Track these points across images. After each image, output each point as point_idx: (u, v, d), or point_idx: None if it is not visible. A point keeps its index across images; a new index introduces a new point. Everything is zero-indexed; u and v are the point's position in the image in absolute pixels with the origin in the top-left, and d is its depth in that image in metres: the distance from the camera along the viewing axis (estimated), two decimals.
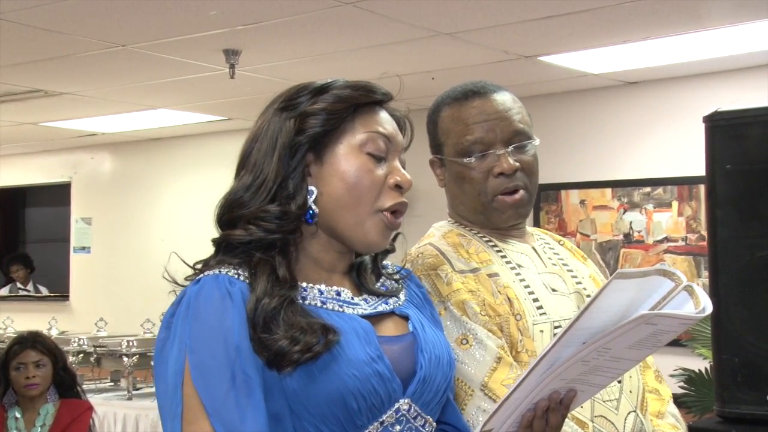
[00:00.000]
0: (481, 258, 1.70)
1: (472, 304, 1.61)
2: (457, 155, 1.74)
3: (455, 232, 1.76)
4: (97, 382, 5.50)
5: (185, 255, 1.38)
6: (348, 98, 1.37)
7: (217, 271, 1.30)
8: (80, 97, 5.84)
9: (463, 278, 1.65)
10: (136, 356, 5.09)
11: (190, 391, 1.22)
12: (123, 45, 4.59)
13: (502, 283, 1.66)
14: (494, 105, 1.74)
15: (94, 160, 8.15)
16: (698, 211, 5.32)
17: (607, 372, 1.31)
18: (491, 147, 1.72)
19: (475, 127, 1.72)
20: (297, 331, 1.24)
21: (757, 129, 2.19)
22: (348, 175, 1.34)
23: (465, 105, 1.75)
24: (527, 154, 1.75)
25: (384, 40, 4.49)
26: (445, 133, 1.77)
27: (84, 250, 8.18)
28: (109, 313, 6.20)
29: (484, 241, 1.75)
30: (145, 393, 5.18)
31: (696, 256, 5.31)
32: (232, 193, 1.37)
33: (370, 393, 1.25)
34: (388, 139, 1.38)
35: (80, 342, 5.37)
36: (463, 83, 1.81)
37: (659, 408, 1.77)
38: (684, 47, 4.70)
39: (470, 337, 1.58)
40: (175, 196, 7.65)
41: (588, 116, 5.80)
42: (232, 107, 6.25)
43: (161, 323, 1.30)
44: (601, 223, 5.70)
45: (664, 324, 1.20)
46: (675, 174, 5.41)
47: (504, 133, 1.72)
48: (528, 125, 1.76)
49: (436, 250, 1.70)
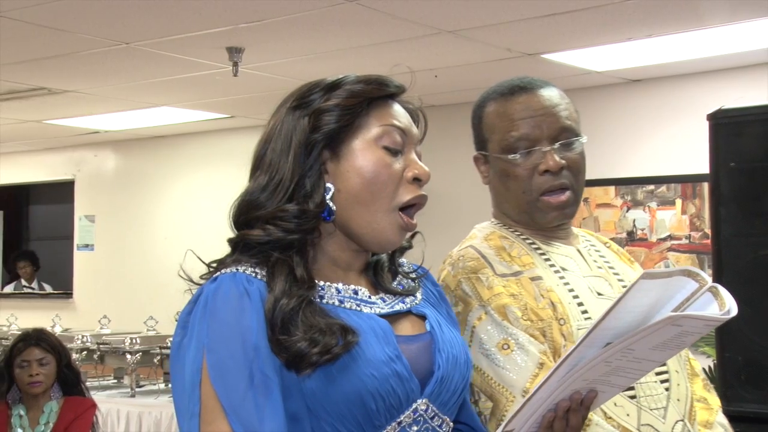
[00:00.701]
0: (524, 261, 1.67)
1: (513, 309, 1.58)
2: (501, 152, 1.70)
3: (498, 234, 1.73)
4: (100, 380, 5.51)
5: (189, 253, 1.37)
6: (361, 93, 1.35)
7: (235, 270, 1.28)
8: (84, 94, 5.84)
9: (505, 282, 1.61)
10: (140, 354, 5.09)
11: (208, 391, 1.21)
12: (126, 43, 4.59)
13: (545, 287, 1.63)
14: (540, 101, 1.69)
15: (98, 157, 8.15)
16: (702, 209, 5.32)
17: (629, 373, 1.30)
18: (537, 144, 1.68)
19: (520, 123, 1.68)
20: (316, 332, 1.23)
21: (761, 126, 2.18)
22: (365, 170, 1.33)
23: (511, 100, 1.71)
24: (574, 151, 1.71)
25: (387, 37, 4.49)
26: (489, 128, 1.73)
27: (87, 247, 8.19)
28: (113, 311, 6.19)
29: (527, 244, 1.71)
30: (148, 390, 5.18)
31: (699, 254, 5.31)
32: (248, 194, 1.35)
33: (389, 393, 1.24)
34: (403, 131, 1.36)
35: (84, 339, 5.36)
36: (510, 79, 1.76)
37: (707, 417, 1.71)
38: (688, 45, 4.70)
39: (512, 342, 1.55)
40: (179, 194, 7.65)
41: (591, 114, 5.79)
42: (236, 105, 6.25)
43: (177, 322, 1.29)
44: (605, 221, 5.70)
45: (689, 325, 1.19)
46: (678, 172, 5.40)
47: (550, 130, 1.68)
48: (575, 122, 1.73)
49: (477, 253, 1.66)
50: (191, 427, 1.22)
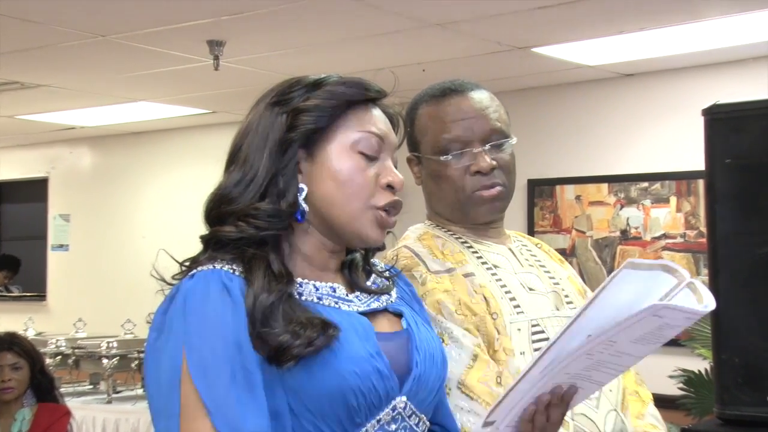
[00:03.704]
0: (456, 258, 1.75)
1: (447, 303, 1.65)
2: (434, 153, 1.78)
3: (430, 233, 1.81)
4: (75, 386, 5.47)
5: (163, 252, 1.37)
6: (341, 95, 1.38)
7: (212, 266, 1.30)
8: (58, 89, 5.81)
9: (438, 278, 1.69)
10: (117, 358, 5.07)
11: (189, 389, 1.21)
12: (103, 35, 4.57)
13: (477, 283, 1.71)
14: (472, 103, 1.79)
15: (73, 154, 8.12)
16: (697, 207, 5.34)
17: (610, 368, 1.34)
18: (468, 145, 1.77)
19: (452, 125, 1.77)
20: (297, 325, 1.25)
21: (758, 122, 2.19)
22: (340, 174, 1.36)
23: (442, 103, 1.80)
24: (504, 152, 1.79)
25: (373, 31, 4.49)
26: (422, 130, 1.81)
27: (62, 247, 8.15)
28: (88, 314, 6.17)
29: (460, 242, 1.79)
30: (125, 396, 5.16)
31: (695, 254, 5.33)
32: (221, 188, 1.37)
33: (370, 390, 1.27)
34: (380, 138, 1.39)
35: (58, 343, 5.33)
36: (441, 81, 1.87)
37: (640, 409, 1.81)
38: (682, 38, 4.71)
39: (446, 336, 1.63)
40: (158, 192, 7.63)
41: (583, 109, 5.81)
42: (217, 100, 6.24)
43: (151, 323, 1.29)
44: (598, 219, 5.72)
45: (670, 317, 1.23)
46: (673, 169, 5.42)
47: (481, 132, 1.77)
48: (505, 124, 1.82)
49: (410, 252, 1.74)
50: (170, 428, 1.23)
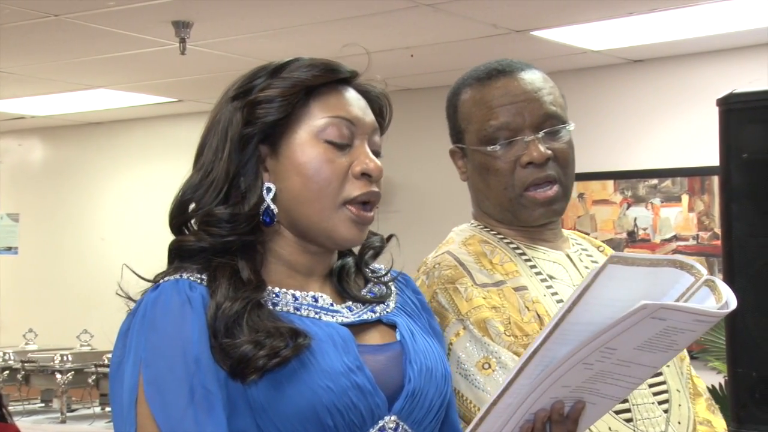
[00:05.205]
0: (507, 269, 1.68)
1: (494, 323, 1.59)
2: (480, 143, 1.72)
3: (478, 237, 1.74)
4: (25, 403, 5.45)
5: (130, 257, 1.38)
6: (302, 81, 1.36)
7: (178, 276, 1.30)
8: (6, 74, 5.79)
9: (486, 293, 1.63)
10: (72, 373, 5.06)
11: (144, 410, 1.22)
12: (56, 15, 4.55)
13: (530, 298, 1.64)
14: (521, 85, 1.72)
15: (22, 147, 8.09)
16: (711, 206, 5.37)
17: (619, 380, 1.29)
18: (519, 133, 1.69)
19: (500, 111, 1.70)
20: (262, 335, 1.25)
21: None
22: (305, 167, 1.35)
23: (488, 86, 1.73)
24: (561, 140, 1.72)
25: (355, 11, 4.49)
26: (466, 118, 1.75)
27: (10, 250, 8.12)
28: (40, 324, 6.16)
29: (511, 248, 1.73)
30: (81, 415, 5.14)
31: (709, 257, 5.36)
32: (180, 193, 1.38)
33: (348, 408, 1.26)
34: (351, 122, 1.38)
35: (6, 357, 5.33)
36: (487, 62, 1.78)
37: None
38: (696, 20, 4.74)
39: (493, 360, 1.56)
40: (118, 190, 7.62)
41: (587, 99, 5.83)
42: (183, 87, 6.23)
43: (116, 338, 1.30)
44: (602, 219, 5.74)
45: (674, 319, 1.18)
46: (685, 164, 5.45)
47: (533, 117, 1.70)
48: (561, 107, 1.74)
49: (454, 261, 1.68)
50: None
